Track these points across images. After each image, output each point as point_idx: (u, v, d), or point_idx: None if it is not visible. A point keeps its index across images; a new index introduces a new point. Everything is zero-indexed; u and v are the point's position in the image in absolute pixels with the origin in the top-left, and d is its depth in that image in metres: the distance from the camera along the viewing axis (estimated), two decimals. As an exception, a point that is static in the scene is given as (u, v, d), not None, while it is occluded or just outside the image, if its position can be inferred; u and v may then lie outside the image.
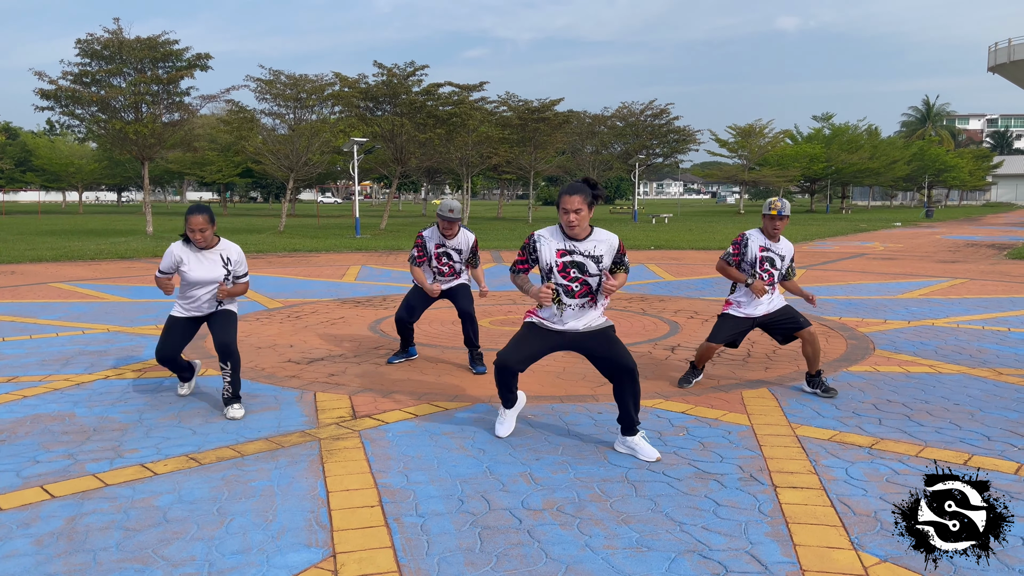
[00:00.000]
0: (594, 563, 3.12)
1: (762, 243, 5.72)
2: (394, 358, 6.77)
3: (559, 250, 4.31)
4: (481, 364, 6.49)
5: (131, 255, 17.99)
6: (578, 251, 4.30)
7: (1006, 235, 28.42)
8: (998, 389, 5.85)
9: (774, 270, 5.73)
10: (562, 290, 4.33)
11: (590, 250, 4.30)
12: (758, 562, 3.13)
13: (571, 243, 4.30)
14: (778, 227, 5.68)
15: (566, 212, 4.22)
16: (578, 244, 4.30)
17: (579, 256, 4.29)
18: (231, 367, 5.13)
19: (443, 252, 6.49)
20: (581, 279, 4.31)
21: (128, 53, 23.10)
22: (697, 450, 4.48)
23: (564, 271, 4.30)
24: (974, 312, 9.64)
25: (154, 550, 3.23)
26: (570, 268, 4.30)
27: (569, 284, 4.32)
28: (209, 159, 49.60)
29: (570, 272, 4.30)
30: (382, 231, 28.50)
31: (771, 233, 5.71)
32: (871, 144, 60.56)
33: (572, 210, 4.20)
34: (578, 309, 4.37)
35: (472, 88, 31.67)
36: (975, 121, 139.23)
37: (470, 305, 6.51)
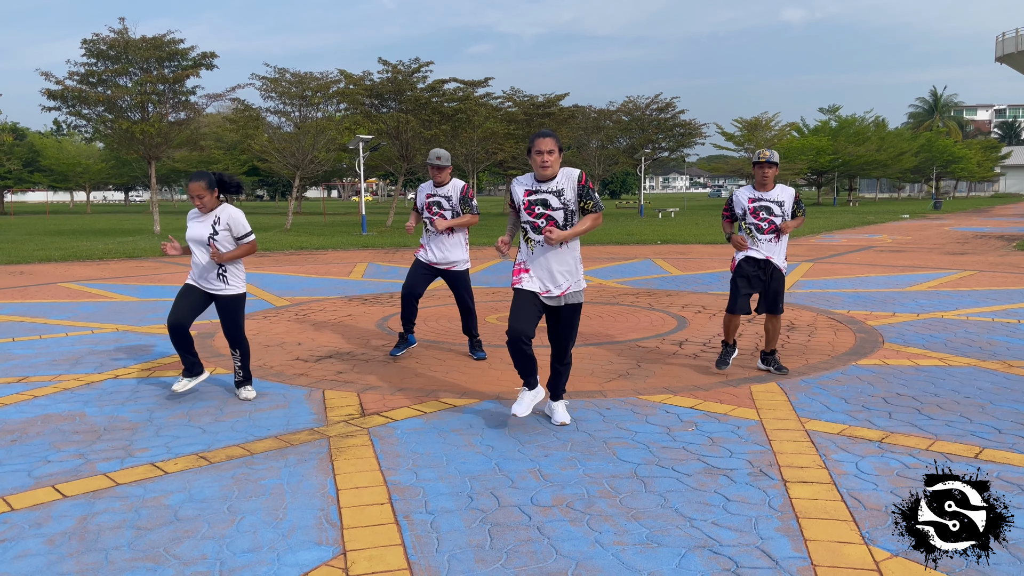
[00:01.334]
0: (604, 559, 3.12)
1: (751, 195, 6.02)
2: (396, 350, 6.82)
3: (526, 190, 4.70)
4: (481, 350, 6.73)
5: (139, 254, 18.05)
6: (542, 189, 4.66)
7: (1015, 226, 28.26)
8: (1008, 382, 5.82)
9: (772, 217, 5.96)
10: (529, 227, 4.70)
11: (552, 187, 4.64)
12: (769, 557, 3.12)
13: (537, 184, 4.68)
14: (766, 174, 5.90)
15: (540, 153, 4.55)
16: (543, 184, 4.66)
17: (543, 194, 4.65)
18: (240, 354, 5.49)
19: (433, 201, 6.59)
20: (545, 214, 4.63)
21: (134, 53, 23.15)
22: (706, 445, 4.47)
23: (529, 208, 4.67)
24: (984, 304, 9.59)
25: (165, 549, 3.24)
26: (535, 205, 4.65)
27: (535, 220, 4.66)
28: (215, 158, 49.70)
29: (535, 209, 4.66)
30: (388, 228, 28.51)
31: (761, 182, 5.96)
32: (878, 136, 60.26)
33: (546, 151, 4.54)
34: (542, 246, 4.67)
35: (477, 84, 31.65)
36: (983, 112, 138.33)
37: (469, 297, 6.65)
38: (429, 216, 6.61)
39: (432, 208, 6.59)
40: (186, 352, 5.42)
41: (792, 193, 6.02)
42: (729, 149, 55.93)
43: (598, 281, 12.54)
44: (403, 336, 6.86)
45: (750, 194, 6.03)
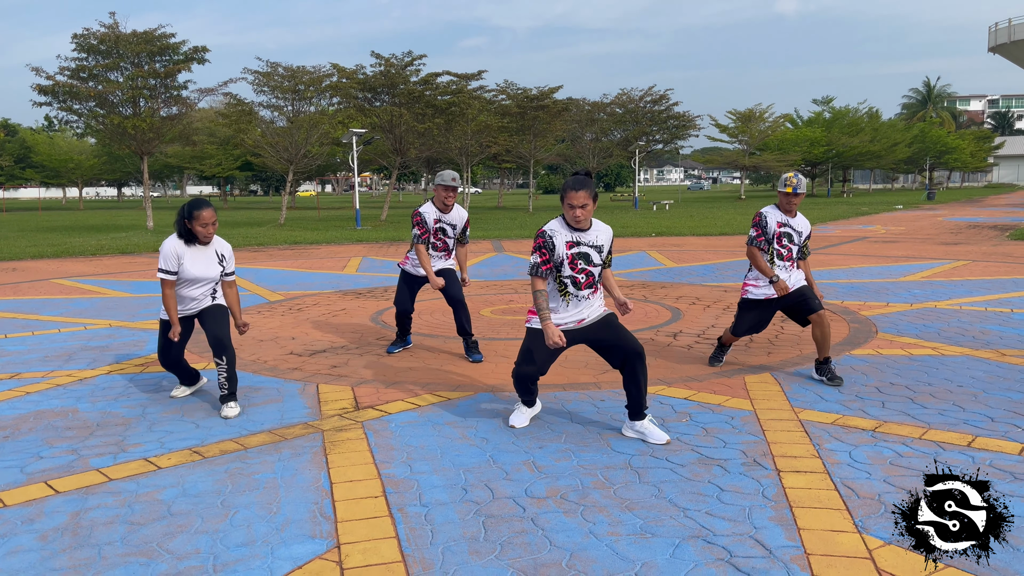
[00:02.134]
0: (598, 550, 3.12)
1: (779, 219, 5.73)
2: (393, 347, 6.78)
3: (568, 242, 4.36)
4: (477, 352, 6.47)
5: (132, 250, 17.99)
6: (583, 242, 4.37)
7: (1008, 216, 28.34)
8: (1001, 370, 5.84)
9: (792, 245, 5.73)
10: (570, 282, 4.38)
11: (593, 240, 4.40)
12: (762, 546, 3.13)
13: (576, 234, 4.37)
14: (793, 203, 5.68)
15: (572, 207, 4.27)
16: (583, 235, 4.38)
17: (584, 247, 4.37)
18: (226, 362, 4.96)
19: (439, 228, 6.41)
20: (587, 270, 4.39)
21: (125, 48, 23.04)
22: (700, 436, 4.48)
23: (572, 263, 4.36)
24: (977, 294, 9.61)
25: (159, 544, 3.23)
26: (577, 260, 4.36)
27: (576, 275, 4.38)
28: (208, 153, 49.60)
29: (577, 264, 4.37)
30: (383, 222, 28.47)
31: (787, 209, 5.72)
32: (872, 127, 60.33)
33: (579, 205, 4.26)
34: (582, 300, 4.42)
35: (470, 77, 31.57)
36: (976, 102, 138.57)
37: (460, 292, 6.46)
38: (434, 242, 6.39)
39: (438, 234, 6.40)
40: (181, 372, 5.37)
41: (808, 226, 5.82)
42: (723, 141, 55.98)
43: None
44: (401, 336, 6.82)
45: (778, 218, 5.72)
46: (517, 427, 4.64)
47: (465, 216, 6.52)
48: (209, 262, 5.06)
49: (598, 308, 4.48)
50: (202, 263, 5.03)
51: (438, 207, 6.36)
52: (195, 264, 5.00)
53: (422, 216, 6.33)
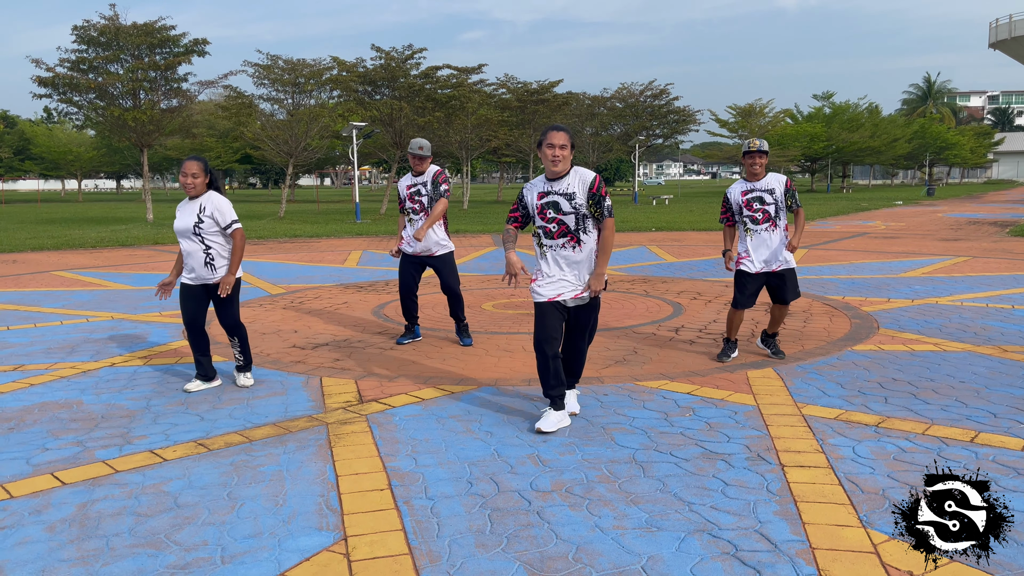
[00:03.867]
0: (604, 544, 3.13)
1: (743, 188, 5.96)
2: (402, 339, 6.86)
3: (539, 193, 4.45)
4: (467, 336, 6.78)
5: (132, 243, 17.97)
6: (553, 190, 4.41)
7: (1008, 212, 28.34)
8: (1003, 366, 5.86)
9: (765, 206, 5.88)
10: (542, 232, 4.46)
11: (564, 188, 4.41)
12: (768, 540, 3.14)
13: (549, 184, 4.43)
14: (756, 163, 5.83)
15: (551, 146, 4.32)
16: (555, 184, 4.42)
17: (554, 195, 4.41)
18: (239, 340, 5.41)
19: (414, 191, 6.63)
20: (557, 218, 4.39)
21: (125, 39, 22.98)
22: (704, 430, 4.49)
23: (542, 212, 4.43)
24: (977, 290, 9.63)
25: (166, 535, 3.24)
26: (547, 209, 4.41)
27: (547, 225, 4.43)
28: (208, 145, 49.44)
29: (547, 213, 4.42)
30: (382, 216, 28.44)
31: (752, 172, 5.89)
32: (872, 122, 60.24)
33: (558, 144, 4.31)
34: (561, 251, 4.42)
35: (470, 71, 31.50)
36: (976, 98, 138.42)
37: (454, 281, 6.69)
38: (411, 206, 6.63)
39: (413, 197, 6.63)
40: (202, 354, 5.39)
41: (783, 180, 5.94)
42: (723, 136, 55.93)
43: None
44: (409, 328, 6.90)
45: (741, 187, 5.98)
46: (545, 431, 4.42)
47: (434, 170, 6.65)
48: (189, 215, 5.17)
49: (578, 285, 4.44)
50: (184, 216, 5.19)
51: (413, 174, 6.66)
52: (179, 219, 5.22)
53: (398, 187, 6.76)
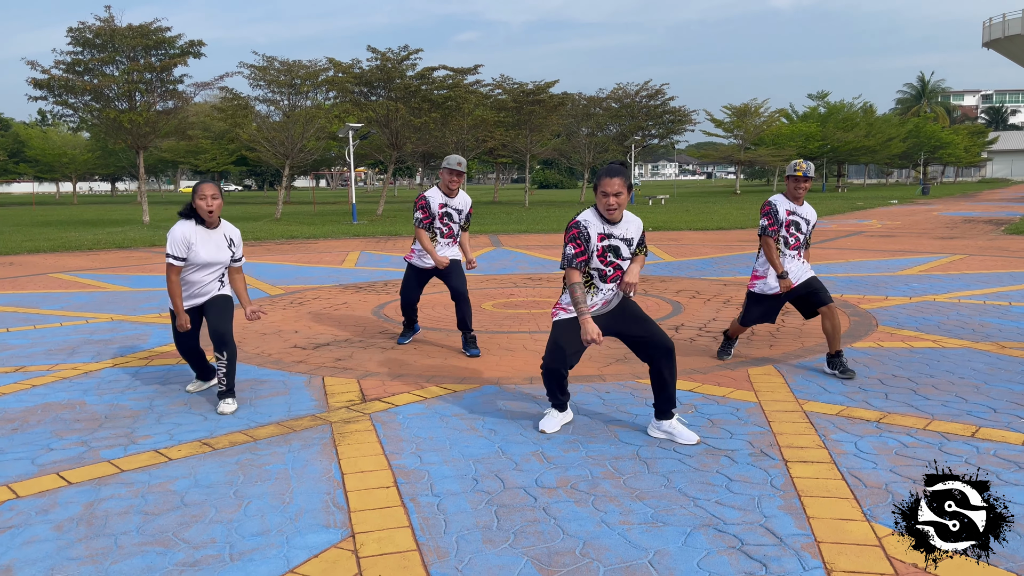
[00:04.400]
0: (611, 538, 3.15)
1: (788, 207, 5.67)
2: (403, 339, 6.82)
3: (600, 234, 4.23)
4: (475, 347, 6.44)
5: (129, 244, 17.96)
6: (615, 234, 4.25)
7: (1003, 210, 28.45)
8: (1002, 362, 5.89)
9: (800, 234, 5.69)
10: (596, 274, 4.28)
11: (624, 233, 4.27)
12: (773, 535, 3.17)
13: (608, 227, 4.25)
14: (801, 188, 5.60)
15: (606, 195, 4.13)
16: (614, 228, 4.25)
17: (616, 240, 4.25)
18: (227, 357, 4.87)
19: (445, 212, 6.38)
20: (615, 263, 4.28)
21: (120, 41, 22.95)
22: (706, 427, 4.51)
23: (603, 255, 4.24)
24: (974, 287, 9.67)
25: (174, 533, 3.25)
26: (607, 252, 4.25)
27: (604, 268, 4.27)
28: (203, 147, 49.45)
29: (607, 256, 4.25)
30: (379, 217, 28.44)
31: (795, 195, 5.64)
32: (867, 122, 60.42)
33: (613, 193, 4.13)
34: (608, 293, 4.35)
35: (466, 71, 31.52)
36: (970, 97, 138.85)
37: (464, 285, 6.44)
38: (440, 227, 6.38)
39: (444, 219, 6.39)
40: (199, 365, 5.35)
41: (815, 215, 5.77)
42: (718, 136, 56.00)
43: (592, 267, 12.57)
44: (408, 325, 6.84)
45: (787, 206, 5.67)
46: (548, 432, 4.44)
47: (469, 202, 6.54)
48: (219, 247, 4.99)
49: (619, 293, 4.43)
50: (212, 247, 4.95)
51: (443, 191, 6.36)
52: (205, 248, 4.92)
53: (426, 200, 6.33)
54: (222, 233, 5.04)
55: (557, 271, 12.05)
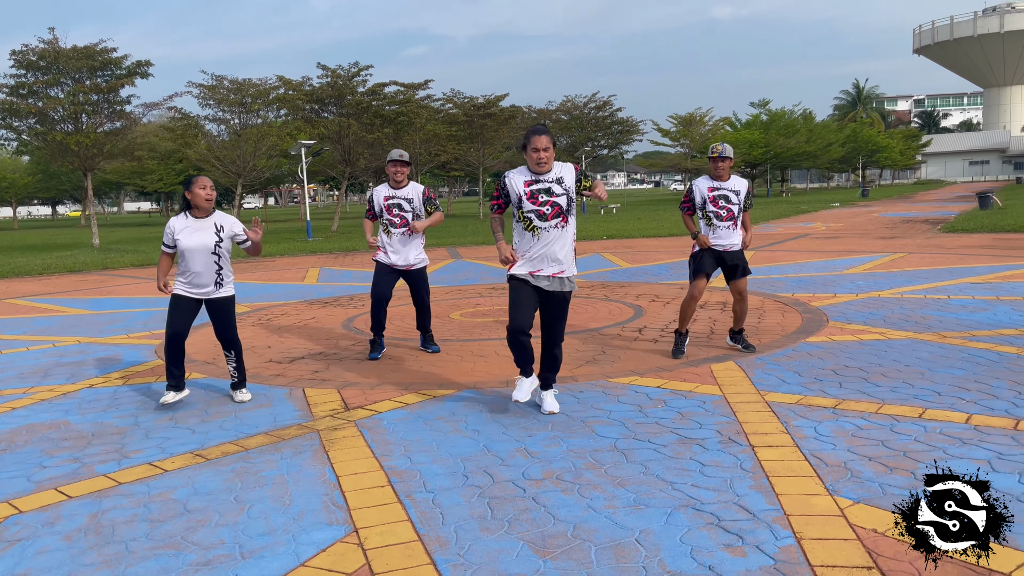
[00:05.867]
0: (599, 521, 3.39)
1: (710, 184, 6.41)
2: (374, 354, 6.90)
3: (527, 181, 4.84)
4: (434, 344, 7.05)
5: (81, 268, 17.69)
6: (543, 179, 4.83)
7: (938, 210, 29.65)
8: (943, 351, 6.31)
9: (730, 205, 6.39)
10: (534, 215, 4.81)
11: (552, 176, 4.84)
12: (746, 511, 3.44)
13: (535, 175, 4.84)
14: (720, 166, 6.35)
15: (536, 150, 4.73)
16: (542, 175, 4.83)
17: (544, 182, 4.82)
18: (235, 355, 5.52)
19: (394, 203, 6.73)
20: (550, 201, 4.81)
21: (65, 63, 22.62)
22: (676, 419, 4.79)
23: (533, 197, 4.81)
24: (915, 283, 10.21)
25: (183, 537, 3.39)
26: (538, 194, 4.81)
27: (540, 208, 4.81)
28: (150, 168, 48.57)
29: (539, 197, 4.81)
30: (334, 233, 28.40)
31: (717, 174, 6.38)
32: (807, 128, 62.19)
33: (542, 148, 4.73)
34: (553, 231, 4.82)
35: (417, 86, 31.75)
36: (903, 102, 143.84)
37: (426, 294, 6.96)
38: (390, 219, 6.74)
39: (392, 210, 6.71)
40: (176, 365, 5.44)
41: (746, 184, 6.48)
42: (665, 145, 57.13)
43: (552, 276, 12.86)
44: (376, 341, 6.94)
45: (709, 183, 6.42)
46: (521, 401, 4.91)
47: (421, 188, 6.84)
48: (205, 233, 5.33)
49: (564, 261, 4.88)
50: (197, 235, 5.33)
51: (391, 185, 6.76)
52: (190, 237, 5.32)
53: (371, 195, 6.85)
54: (212, 221, 5.41)
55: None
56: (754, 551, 3.08)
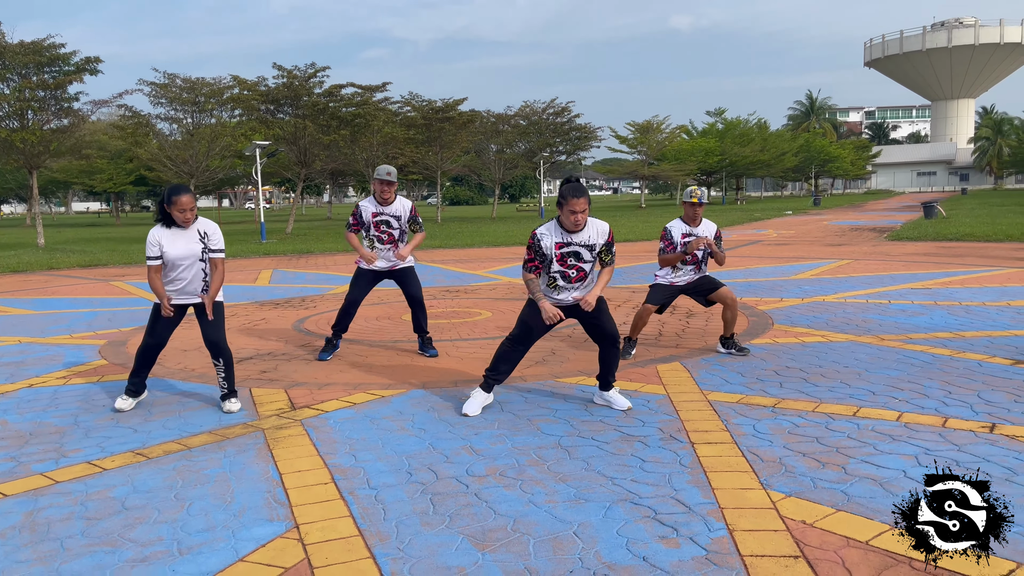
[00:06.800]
0: (539, 515, 3.45)
1: (684, 230, 6.44)
2: (324, 355, 6.85)
3: (557, 243, 4.83)
4: (432, 348, 6.88)
5: (24, 268, 17.26)
6: (574, 242, 4.85)
7: (885, 219, 30.46)
8: (881, 352, 6.51)
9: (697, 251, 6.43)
10: (560, 276, 4.90)
11: (585, 240, 4.86)
12: (683, 504, 3.53)
13: (567, 236, 4.84)
14: (698, 213, 6.40)
15: (574, 212, 4.72)
16: (574, 236, 4.84)
17: (575, 246, 4.85)
18: (224, 363, 5.24)
19: (382, 220, 6.62)
20: (578, 266, 4.89)
21: (11, 59, 22.07)
22: (621, 418, 4.88)
23: (562, 260, 4.86)
24: (859, 288, 10.49)
25: (120, 534, 3.36)
26: (568, 257, 4.86)
27: (567, 271, 4.89)
28: (99, 167, 47.50)
29: (567, 260, 4.87)
30: (288, 235, 28.11)
31: (692, 218, 6.42)
32: (761, 137, 63.42)
33: (580, 211, 4.73)
34: (576, 284, 4.96)
35: (375, 89, 31.61)
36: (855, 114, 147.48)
37: (419, 291, 6.80)
38: (377, 234, 6.62)
39: (380, 227, 6.61)
40: (144, 372, 5.32)
41: (715, 228, 6.51)
42: (623, 152, 57.66)
43: (507, 280, 12.92)
44: (331, 341, 6.88)
45: (683, 229, 6.43)
46: (470, 415, 4.94)
47: (409, 205, 6.73)
48: (189, 240, 5.17)
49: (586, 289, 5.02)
50: (182, 242, 5.15)
51: (378, 201, 6.63)
52: (174, 245, 5.14)
53: (358, 209, 6.69)
54: (195, 228, 5.23)
55: (472, 283, 12.36)
56: (688, 542, 3.16)
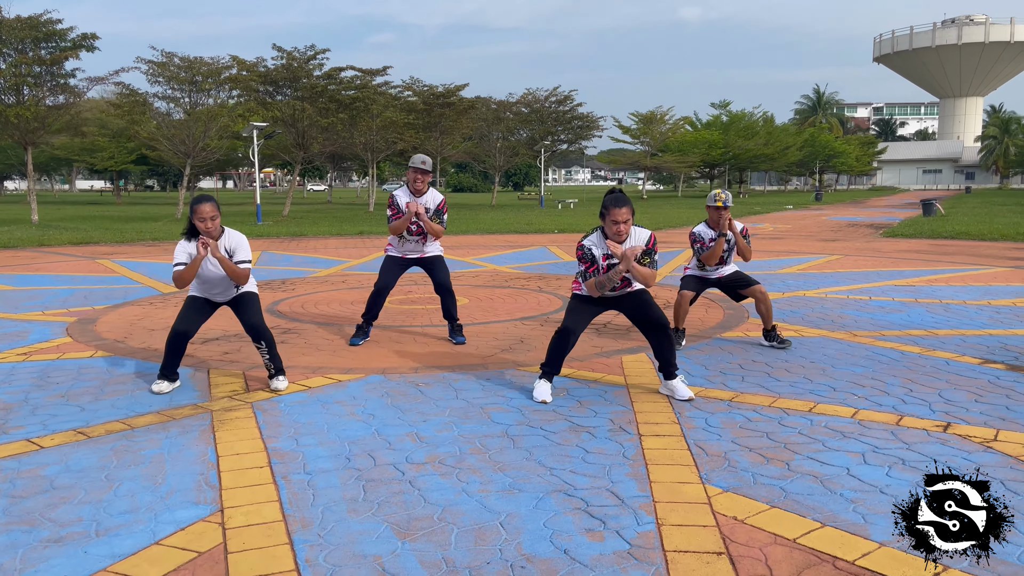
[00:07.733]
0: (468, 505, 3.39)
1: (711, 235, 6.49)
2: (356, 339, 6.68)
3: (604, 255, 4.88)
4: (461, 335, 6.75)
5: (16, 244, 17.23)
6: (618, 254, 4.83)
7: (885, 216, 30.30)
8: (851, 348, 6.44)
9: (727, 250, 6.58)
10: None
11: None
12: (616, 497, 3.47)
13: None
14: (723, 216, 6.37)
15: (616, 223, 4.71)
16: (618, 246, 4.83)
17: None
18: (266, 344, 5.24)
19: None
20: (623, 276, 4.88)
21: (8, 33, 21.96)
22: (574, 407, 4.81)
23: (609, 269, 4.88)
24: (842, 284, 10.41)
25: (41, 514, 3.31)
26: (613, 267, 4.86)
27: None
28: (100, 145, 47.41)
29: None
30: (285, 218, 28.05)
31: (717, 222, 6.41)
32: (766, 131, 63.09)
33: (622, 221, 4.71)
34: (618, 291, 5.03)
35: (375, 72, 31.45)
36: (862, 109, 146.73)
37: (447, 277, 6.71)
38: (408, 225, 6.48)
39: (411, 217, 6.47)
40: (173, 361, 5.23)
41: (740, 227, 6.57)
42: (626, 142, 57.44)
43: (492, 267, 12.85)
44: (363, 328, 6.74)
45: (710, 235, 6.50)
46: (549, 401, 4.91)
47: (439, 198, 6.61)
48: (217, 264, 5.11)
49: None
50: (212, 263, 5.12)
51: (411, 190, 6.52)
52: (205, 265, 5.12)
53: (394, 198, 6.55)
54: (223, 246, 5.16)
55: (455, 270, 12.29)
56: (613, 536, 3.10)
